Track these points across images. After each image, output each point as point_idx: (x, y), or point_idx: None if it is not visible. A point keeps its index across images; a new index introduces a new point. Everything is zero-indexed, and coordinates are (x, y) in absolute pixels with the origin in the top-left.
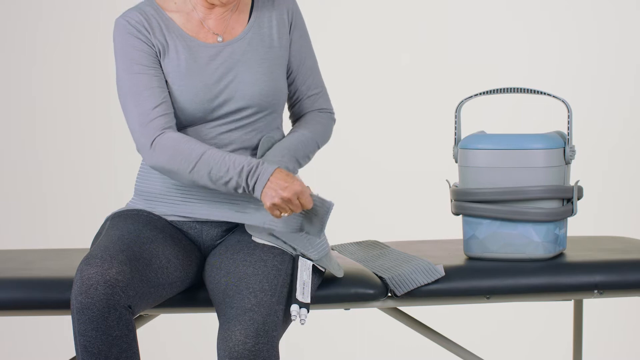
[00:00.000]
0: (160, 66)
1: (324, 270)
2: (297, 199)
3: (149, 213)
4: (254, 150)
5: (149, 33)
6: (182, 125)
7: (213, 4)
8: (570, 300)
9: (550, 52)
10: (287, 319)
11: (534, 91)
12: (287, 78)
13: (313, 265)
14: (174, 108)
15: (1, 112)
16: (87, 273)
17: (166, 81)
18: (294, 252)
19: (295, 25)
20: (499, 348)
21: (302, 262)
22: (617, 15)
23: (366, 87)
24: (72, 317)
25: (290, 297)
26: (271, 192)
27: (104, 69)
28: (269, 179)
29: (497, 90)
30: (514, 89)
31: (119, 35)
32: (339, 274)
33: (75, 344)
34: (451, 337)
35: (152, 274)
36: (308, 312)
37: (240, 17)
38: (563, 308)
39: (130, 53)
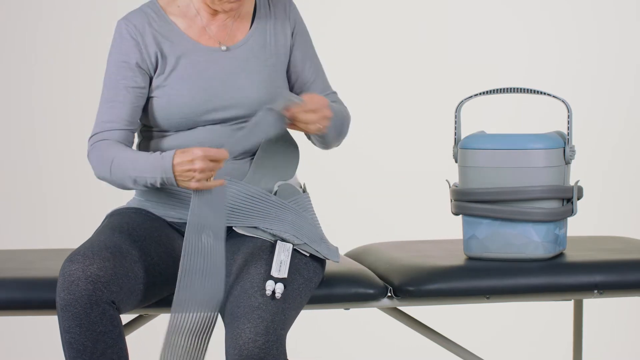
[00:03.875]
0: (150, 77)
1: (322, 261)
2: (210, 160)
3: (148, 212)
4: (252, 156)
5: (144, 42)
6: (179, 127)
7: (217, 10)
8: (570, 300)
9: (550, 52)
10: (293, 316)
11: (534, 91)
12: (292, 83)
13: (313, 257)
14: (169, 111)
15: (1, 112)
16: (69, 270)
17: (164, 85)
18: (272, 239)
19: (297, 32)
20: (499, 348)
21: (280, 245)
22: (617, 16)
23: (366, 87)
24: (57, 314)
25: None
26: (184, 175)
27: (104, 69)
28: (172, 166)
29: (497, 90)
30: (514, 89)
31: (117, 37)
32: (335, 258)
33: (61, 340)
34: (451, 337)
35: (140, 271)
36: (285, 287)
37: (242, 25)
38: (563, 308)
39: (122, 57)
